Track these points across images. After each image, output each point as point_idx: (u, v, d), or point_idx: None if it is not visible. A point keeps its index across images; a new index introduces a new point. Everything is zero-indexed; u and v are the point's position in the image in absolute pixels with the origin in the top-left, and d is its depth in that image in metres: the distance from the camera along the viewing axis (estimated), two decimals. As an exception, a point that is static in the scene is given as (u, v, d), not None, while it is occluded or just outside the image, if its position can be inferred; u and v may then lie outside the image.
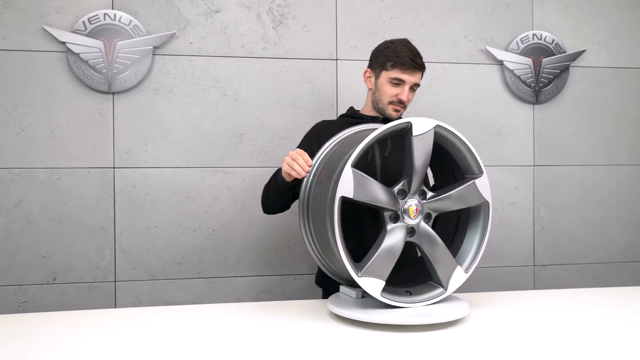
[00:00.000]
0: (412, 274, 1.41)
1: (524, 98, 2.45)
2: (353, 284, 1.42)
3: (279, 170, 1.56)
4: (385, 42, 1.71)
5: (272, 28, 2.24)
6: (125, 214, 2.15)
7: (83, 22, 2.09)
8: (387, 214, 1.29)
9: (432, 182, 1.66)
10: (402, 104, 1.68)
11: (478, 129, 2.41)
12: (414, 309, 1.29)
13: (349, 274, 1.25)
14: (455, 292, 1.42)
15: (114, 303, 2.15)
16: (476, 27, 2.41)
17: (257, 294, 2.25)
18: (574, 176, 2.51)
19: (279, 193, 1.60)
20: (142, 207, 2.16)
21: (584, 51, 2.49)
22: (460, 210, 1.42)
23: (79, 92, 2.11)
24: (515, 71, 2.43)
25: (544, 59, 2.45)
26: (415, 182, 1.30)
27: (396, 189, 1.31)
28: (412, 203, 1.30)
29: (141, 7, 2.14)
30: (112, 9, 2.12)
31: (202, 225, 2.20)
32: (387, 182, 1.32)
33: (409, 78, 1.65)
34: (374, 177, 1.28)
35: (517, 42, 2.43)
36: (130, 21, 2.12)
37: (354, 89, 2.28)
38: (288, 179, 1.50)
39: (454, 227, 1.46)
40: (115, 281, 2.15)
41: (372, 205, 1.28)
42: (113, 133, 2.14)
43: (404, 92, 1.66)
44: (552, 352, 1.09)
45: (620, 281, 2.53)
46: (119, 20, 2.11)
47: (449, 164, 1.43)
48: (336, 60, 2.29)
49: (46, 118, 2.09)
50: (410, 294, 1.33)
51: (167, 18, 2.17)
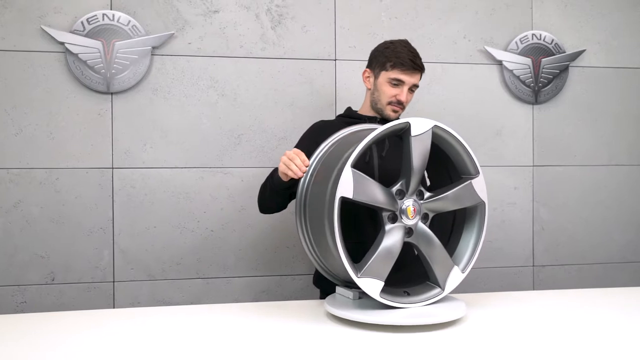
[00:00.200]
0: (409, 274, 1.40)
1: (523, 98, 2.44)
2: (349, 285, 1.42)
3: (276, 170, 1.56)
4: (385, 43, 1.71)
5: (270, 28, 2.24)
6: (124, 214, 2.15)
7: (82, 23, 2.09)
8: (385, 215, 1.29)
9: (427, 182, 1.65)
10: (400, 105, 1.68)
11: (477, 129, 2.41)
12: (411, 310, 1.29)
13: (345, 274, 1.25)
14: (454, 292, 1.42)
15: (112, 303, 2.15)
16: (475, 27, 2.40)
17: (256, 294, 2.25)
18: (573, 176, 2.50)
19: (276, 193, 1.60)
20: (141, 207, 2.16)
21: (584, 51, 2.49)
22: (455, 210, 1.42)
23: (78, 93, 2.11)
24: (514, 71, 2.42)
25: (543, 59, 2.45)
26: (414, 182, 1.30)
27: (394, 189, 1.31)
28: (410, 203, 1.30)
29: (140, 7, 2.14)
30: (111, 9, 2.12)
31: (200, 226, 2.20)
32: (385, 182, 1.32)
33: (409, 79, 1.65)
34: (372, 178, 1.28)
35: (516, 42, 2.42)
36: (129, 21, 2.12)
37: (353, 89, 2.28)
38: (285, 179, 1.50)
39: (449, 227, 1.46)
40: (113, 281, 2.15)
41: (371, 205, 1.28)
42: (112, 133, 2.14)
43: (403, 93, 1.66)
44: (549, 353, 1.09)
45: (619, 282, 2.52)
46: (118, 21, 2.11)
47: (445, 164, 1.43)
48: (335, 60, 2.29)
49: (45, 118, 2.09)
50: (408, 294, 1.33)
51: (165, 18, 2.17)
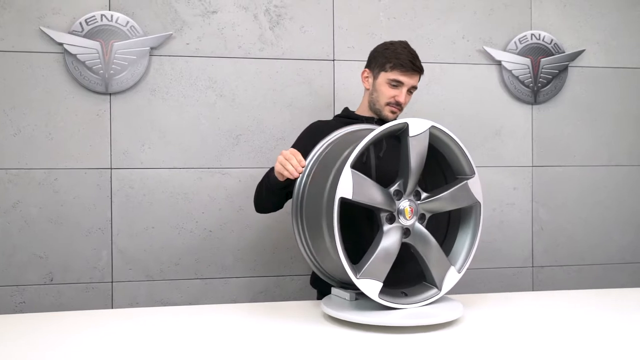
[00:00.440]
0: (406, 275, 1.40)
1: (522, 98, 2.44)
2: (345, 286, 1.41)
3: (272, 169, 1.56)
4: (385, 44, 1.71)
5: (269, 29, 2.24)
6: (123, 215, 2.15)
7: (80, 24, 2.09)
8: (383, 215, 1.29)
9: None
10: (399, 106, 1.68)
11: (476, 129, 2.41)
12: (409, 310, 1.29)
13: (343, 275, 1.25)
14: (453, 293, 1.42)
15: (110, 304, 2.15)
16: (474, 27, 2.40)
17: (254, 294, 2.25)
18: (573, 177, 2.50)
19: (272, 192, 1.59)
20: (139, 207, 2.16)
21: (583, 51, 2.48)
22: (450, 210, 1.41)
23: (76, 93, 2.11)
24: (513, 71, 2.42)
25: (542, 59, 2.44)
26: (411, 182, 1.30)
27: (392, 189, 1.31)
28: (407, 204, 1.30)
29: (138, 8, 2.14)
30: (109, 10, 2.12)
31: (199, 226, 2.20)
32: (382, 183, 1.32)
33: (408, 80, 1.65)
34: (369, 178, 1.28)
35: (515, 42, 2.42)
36: (127, 22, 2.12)
37: (352, 89, 2.27)
38: (281, 179, 1.50)
39: (444, 227, 1.45)
40: (112, 282, 2.15)
41: (369, 206, 1.28)
42: (110, 134, 2.14)
43: (401, 94, 1.66)
44: (548, 354, 1.09)
45: (619, 283, 2.52)
46: (116, 22, 2.11)
47: (440, 164, 1.43)
48: (333, 60, 2.29)
49: (43, 119, 2.09)
50: (406, 295, 1.33)
51: (164, 19, 2.17)
